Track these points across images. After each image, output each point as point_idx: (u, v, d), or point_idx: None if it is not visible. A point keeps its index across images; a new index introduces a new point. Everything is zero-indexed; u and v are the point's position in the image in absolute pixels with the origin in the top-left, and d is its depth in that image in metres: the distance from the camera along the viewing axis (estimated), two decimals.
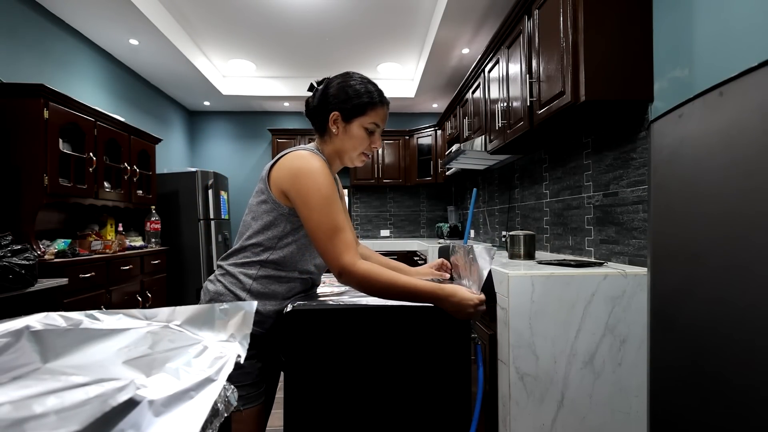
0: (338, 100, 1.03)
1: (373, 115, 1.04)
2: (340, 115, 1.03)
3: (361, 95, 1.03)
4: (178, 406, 0.47)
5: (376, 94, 1.05)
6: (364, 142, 1.05)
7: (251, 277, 1.00)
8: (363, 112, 1.03)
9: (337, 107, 1.03)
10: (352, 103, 1.02)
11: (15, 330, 0.51)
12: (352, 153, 1.06)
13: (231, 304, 0.67)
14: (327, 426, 0.90)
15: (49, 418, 0.39)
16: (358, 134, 1.04)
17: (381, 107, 1.05)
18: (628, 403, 1.45)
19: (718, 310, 0.83)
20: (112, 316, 0.62)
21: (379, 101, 1.05)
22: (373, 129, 1.05)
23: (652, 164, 1.06)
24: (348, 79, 1.05)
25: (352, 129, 1.03)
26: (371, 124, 1.04)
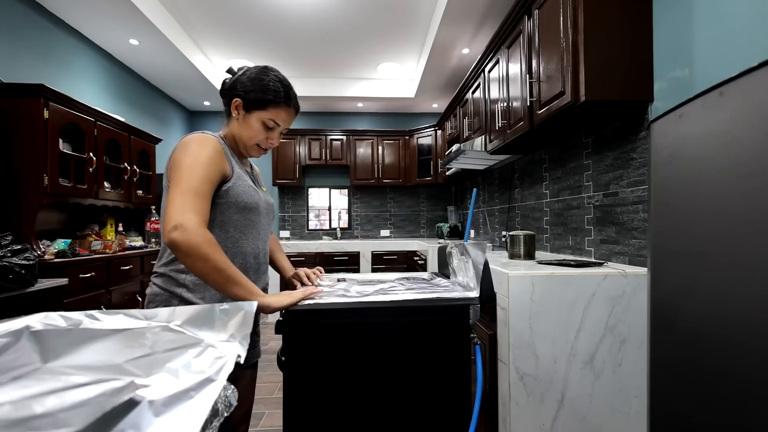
0: (245, 89, 1.06)
1: (273, 113, 1.07)
2: (242, 104, 1.06)
3: (268, 91, 1.06)
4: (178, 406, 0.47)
5: (283, 94, 1.08)
6: (259, 135, 1.08)
7: (183, 271, 0.99)
8: (264, 106, 1.06)
9: (240, 95, 1.06)
10: (255, 96, 1.05)
11: (15, 330, 0.51)
12: (246, 142, 1.09)
13: (231, 304, 0.67)
14: (327, 426, 0.90)
15: (49, 417, 0.39)
16: (254, 126, 1.07)
17: (285, 108, 1.08)
18: (628, 403, 1.45)
19: (718, 310, 0.83)
20: (112, 316, 0.62)
21: (284, 102, 1.08)
22: (272, 126, 1.08)
23: (652, 164, 1.06)
24: (261, 74, 1.07)
25: (249, 119, 1.06)
26: (270, 120, 1.07)
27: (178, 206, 0.88)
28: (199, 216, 0.89)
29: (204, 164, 0.95)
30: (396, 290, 1.03)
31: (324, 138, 4.77)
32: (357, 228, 5.17)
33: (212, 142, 1.00)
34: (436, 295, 0.96)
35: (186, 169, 0.93)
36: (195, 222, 0.87)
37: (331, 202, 5.23)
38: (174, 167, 0.95)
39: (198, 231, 0.86)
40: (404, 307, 0.91)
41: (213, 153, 0.98)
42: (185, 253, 0.85)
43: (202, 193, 0.92)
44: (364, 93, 4.62)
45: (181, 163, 0.94)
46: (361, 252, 4.46)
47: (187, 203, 0.88)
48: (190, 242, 0.85)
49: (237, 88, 1.07)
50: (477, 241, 3.76)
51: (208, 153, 0.97)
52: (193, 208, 0.88)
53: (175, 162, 0.96)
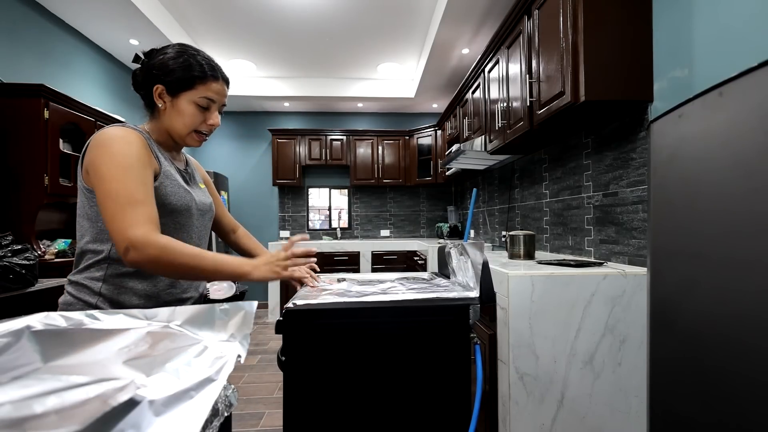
0: (162, 72, 0.94)
1: (203, 90, 0.95)
2: (165, 89, 0.94)
3: (190, 68, 0.94)
4: (178, 405, 0.47)
5: (206, 66, 0.96)
6: (196, 119, 0.96)
7: (99, 279, 0.91)
8: (191, 85, 0.94)
9: (160, 80, 0.94)
10: (176, 76, 0.93)
11: (15, 330, 0.51)
12: (182, 131, 0.97)
13: (231, 304, 0.67)
14: (327, 426, 0.90)
15: (49, 417, 0.39)
16: (187, 110, 0.95)
17: (213, 81, 0.97)
18: (628, 402, 1.45)
19: (718, 310, 0.83)
20: (112, 316, 0.62)
21: (212, 75, 0.97)
22: (207, 105, 0.97)
23: (652, 164, 1.06)
24: (176, 53, 0.96)
25: (179, 104, 0.95)
26: (202, 99, 0.95)
27: (119, 225, 0.81)
28: (145, 226, 0.82)
29: (133, 167, 0.85)
30: (396, 290, 1.03)
31: (324, 138, 4.77)
32: (357, 228, 5.17)
33: (136, 137, 0.89)
34: (436, 295, 0.96)
35: (114, 176, 0.83)
36: (142, 235, 0.80)
37: (331, 202, 5.23)
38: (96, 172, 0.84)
39: (149, 243, 0.80)
40: (404, 307, 0.91)
41: (138, 149, 0.88)
42: (151, 270, 0.83)
43: (140, 200, 0.83)
44: (364, 93, 4.62)
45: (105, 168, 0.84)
46: (361, 252, 4.46)
47: (128, 218, 0.81)
48: (148, 258, 0.80)
49: (154, 74, 0.94)
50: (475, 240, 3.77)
51: (135, 151, 0.87)
52: (136, 222, 0.81)
53: (97, 165, 0.84)
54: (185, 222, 0.99)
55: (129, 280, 0.92)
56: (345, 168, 5.08)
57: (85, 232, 0.92)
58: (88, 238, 0.92)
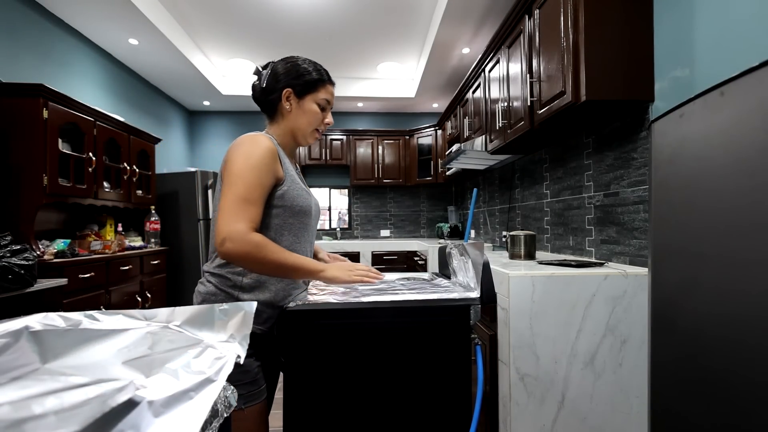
0: (290, 77, 1.06)
1: (323, 92, 1.08)
2: (293, 91, 1.06)
3: (311, 72, 1.07)
4: (177, 406, 0.46)
5: (324, 72, 1.10)
6: (318, 117, 1.09)
7: (239, 274, 0.99)
8: (315, 88, 1.07)
9: (289, 84, 1.06)
10: (304, 80, 1.06)
11: (14, 330, 0.51)
12: (306, 129, 1.09)
13: (231, 305, 0.67)
14: (327, 426, 0.90)
15: (48, 418, 0.39)
16: (311, 109, 1.07)
17: (330, 85, 1.11)
18: (629, 403, 1.45)
19: (719, 310, 0.83)
20: (111, 316, 0.61)
21: (328, 79, 1.10)
22: (325, 105, 1.09)
23: (653, 164, 1.06)
24: (296, 59, 1.09)
25: (305, 104, 1.07)
26: (323, 100, 1.08)
27: (225, 218, 0.90)
28: (247, 223, 0.90)
29: (255, 167, 0.94)
30: (397, 290, 1.03)
31: (324, 138, 4.77)
32: (357, 228, 5.17)
33: (265, 143, 0.97)
34: (437, 295, 0.95)
35: (237, 174, 0.93)
36: (242, 230, 0.88)
37: (331, 202, 5.23)
38: (226, 170, 0.95)
39: (245, 239, 0.88)
40: (405, 308, 0.91)
41: (265, 155, 0.96)
42: (240, 263, 0.92)
43: (251, 200, 0.92)
44: (364, 93, 4.62)
45: (232, 167, 0.94)
46: (361, 252, 4.46)
47: (235, 213, 0.90)
48: (239, 252, 0.88)
49: (280, 80, 1.06)
50: (475, 241, 3.76)
51: (260, 155, 0.95)
52: (241, 217, 0.90)
53: (227, 164, 0.96)
54: (308, 222, 1.09)
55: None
56: (345, 168, 5.08)
57: None
58: None
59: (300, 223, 1.06)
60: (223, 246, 0.88)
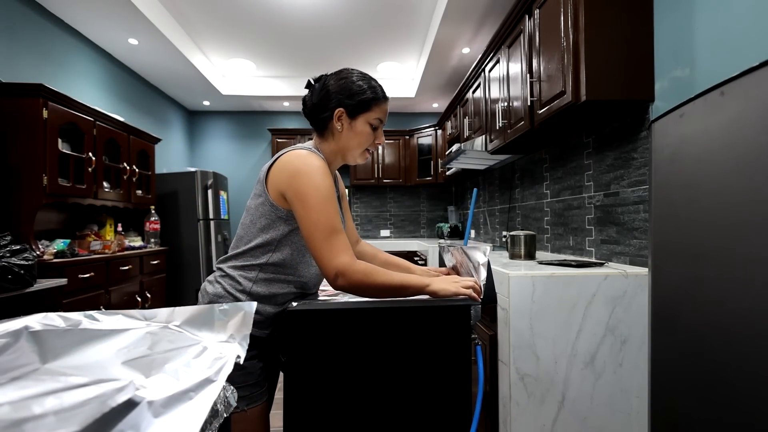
0: (342, 96, 1.01)
1: (377, 111, 1.03)
2: (345, 112, 1.01)
3: (365, 91, 1.01)
4: (177, 406, 0.46)
5: (379, 89, 1.04)
6: (369, 138, 1.04)
7: (251, 280, 0.99)
8: (368, 107, 1.02)
9: (341, 104, 1.01)
10: (357, 99, 1.00)
11: (14, 330, 0.51)
12: (356, 150, 1.05)
13: (231, 305, 0.67)
14: (327, 426, 0.90)
15: (48, 418, 0.39)
16: (363, 130, 1.02)
17: (384, 103, 1.05)
18: (629, 403, 1.45)
19: (719, 310, 0.83)
20: (111, 316, 0.61)
21: (382, 97, 1.04)
22: (377, 125, 1.04)
23: (653, 164, 1.06)
24: (350, 75, 1.03)
25: (357, 125, 1.02)
26: (375, 119, 1.03)
27: (326, 254, 0.90)
28: (347, 254, 0.91)
29: (330, 198, 0.93)
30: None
31: None
32: (357, 228, 5.17)
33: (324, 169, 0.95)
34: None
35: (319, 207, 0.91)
36: (347, 263, 0.90)
37: None
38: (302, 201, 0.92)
39: (354, 270, 0.90)
40: (405, 308, 0.91)
41: (330, 181, 0.95)
42: (354, 292, 0.92)
43: (338, 229, 0.92)
44: None
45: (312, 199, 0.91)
46: None
47: (334, 247, 0.90)
48: (354, 282, 0.90)
49: (332, 99, 1.01)
50: (477, 242, 3.76)
51: (328, 183, 0.94)
52: (339, 250, 0.90)
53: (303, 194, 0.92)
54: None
55: (272, 286, 1.00)
56: (345, 168, 5.08)
57: (253, 238, 0.99)
58: (254, 244, 0.99)
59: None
60: (336, 282, 0.90)
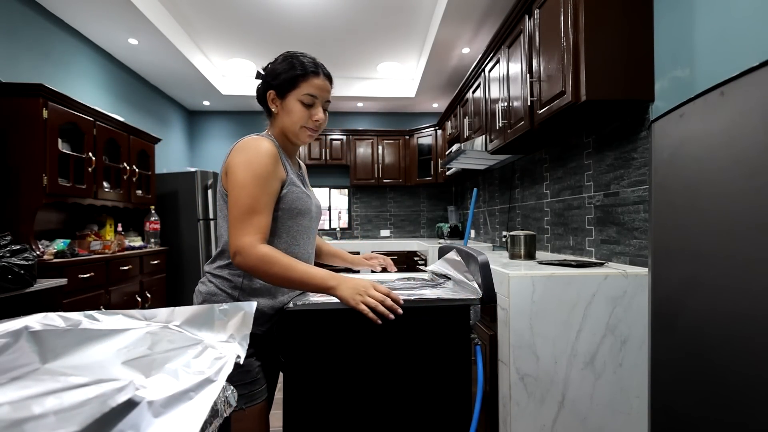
0: (270, 78, 1.03)
1: (305, 87, 1.01)
2: (275, 93, 1.03)
3: (293, 68, 1.01)
4: (177, 406, 0.46)
5: (309, 64, 1.03)
6: (302, 115, 1.02)
7: (240, 275, 1.00)
8: (294, 85, 1.01)
9: (270, 86, 1.03)
10: (281, 78, 1.02)
11: (14, 330, 0.51)
12: (294, 128, 1.04)
13: (230, 305, 0.67)
14: (327, 426, 0.90)
15: (48, 418, 0.39)
16: (294, 108, 1.02)
17: (314, 77, 1.02)
18: (629, 403, 1.45)
19: (719, 310, 0.83)
20: (111, 316, 0.61)
21: (312, 71, 1.02)
22: (310, 101, 1.02)
23: (653, 164, 1.06)
24: (276, 59, 1.05)
25: (287, 104, 1.02)
26: (305, 96, 1.02)
27: (234, 231, 0.91)
28: (255, 235, 0.91)
29: (259, 176, 0.93)
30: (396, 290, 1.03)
31: (324, 138, 4.77)
32: (357, 228, 5.17)
33: (267, 147, 0.97)
34: (437, 295, 0.95)
35: (241, 185, 0.92)
36: (250, 243, 0.89)
37: (331, 202, 5.23)
38: (230, 180, 0.95)
39: (253, 252, 0.89)
40: (405, 308, 0.91)
41: (267, 161, 0.95)
42: (251, 273, 0.92)
43: (258, 210, 0.92)
44: (364, 93, 4.62)
45: (236, 178, 0.93)
46: (361, 252, 4.46)
47: (244, 226, 0.91)
48: (248, 265, 0.90)
49: (267, 83, 1.04)
50: (476, 242, 3.76)
51: (262, 162, 0.94)
52: (248, 231, 0.90)
53: (231, 173, 0.95)
54: (308, 224, 1.08)
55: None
56: (345, 168, 5.08)
57: (225, 233, 1.01)
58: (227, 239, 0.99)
59: (298, 226, 1.05)
60: (234, 259, 0.91)
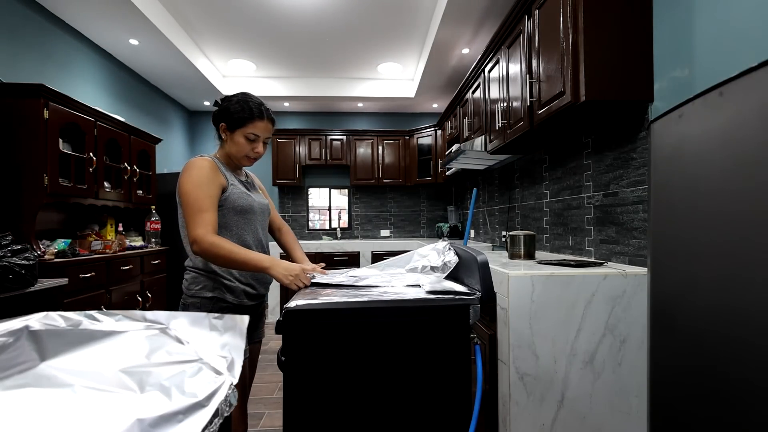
0: (225, 113, 1.31)
1: (251, 127, 1.30)
2: (226, 126, 1.31)
3: (243, 111, 1.29)
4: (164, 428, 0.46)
5: (256, 110, 1.30)
6: (245, 148, 1.31)
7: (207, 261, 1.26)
8: (242, 124, 1.29)
9: (224, 119, 1.31)
10: (233, 117, 1.29)
11: (15, 329, 0.51)
12: (238, 156, 1.32)
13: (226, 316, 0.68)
14: (327, 426, 0.90)
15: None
16: (239, 141, 1.30)
17: (260, 121, 1.31)
18: (629, 403, 1.45)
19: (718, 309, 0.83)
20: (111, 317, 0.62)
21: (258, 116, 1.30)
22: (254, 138, 1.31)
23: (652, 164, 1.06)
24: (239, 98, 1.32)
25: (235, 137, 1.30)
26: (250, 134, 1.30)
27: (189, 227, 1.18)
28: (205, 228, 1.17)
29: (203, 183, 1.20)
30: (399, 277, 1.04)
31: (324, 138, 4.77)
32: (357, 228, 5.17)
33: (206, 163, 1.25)
34: (436, 295, 0.95)
35: (187, 192, 1.20)
36: (202, 234, 1.16)
37: (331, 202, 5.23)
38: (180, 188, 1.22)
39: (205, 240, 1.15)
40: (404, 307, 0.91)
41: (208, 172, 1.23)
42: (208, 256, 1.17)
43: (204, 208, 1.18)
44: (364, 93, 4.62)
45: (182, 188, 1.21)
46: (361, 252, 4.46)
47: (195, 221, 1.17)
48: (202, 249, 1.16)
49: (221, 115, 1.32)
50: (476, 242, 3.76)
51: (204, 173, 1.22)
52: (199, 224, 1.17)
53: (180, 186, 1.22)
54: (250, 218, 1.34)
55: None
56: (345, 168, 5.08)
57: (185, 236, 1.25)
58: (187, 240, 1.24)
59: (244, 219, 1.32)
60: (192, 248, 1.17)
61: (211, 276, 1.27)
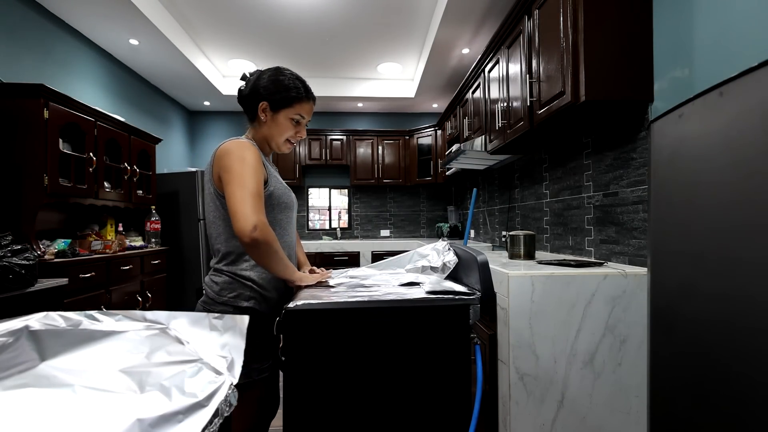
0: (268, 91, 1.14)
1: (298, 108, 1.16)
2: (269, 105, 1.15)
3: (290, 89, 1.15)
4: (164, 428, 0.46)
5: (303, 89, 1.17)
6: (289, 130, 1.17)
7: (247, 269, 1.11)
8: (290, 104, 1.15)
9: (266, 98, 1.14)
10: (280, 96, 1.14)
11: (15, 329, 0.51)
12: (278, 139, 1.18)
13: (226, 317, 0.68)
14: (327, 426, 0.90)
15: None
16: (283, 123, 1.16)
17: (307, 102, 1.18)
18: (628, 403, 1.45)
19: (718, 309, 0.83)
20: (111, 317, 0.62)
21: (305, 96, 1.17)
22: (299, 120, 1.17)
23: (652, 164, 1.06)
24: (278, 74, 1.16)
25: (278, 118, 1.15)
26: (297, 115, 1.16)
27: (250, 208, 0.98)
28: (265, 216, 1.02)
29: (254, 168, 1.04)
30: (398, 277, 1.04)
31: (324, 138, 4.77)
32: (357, 228, 5.17)
33: (253, 148, 1.08)
34: (436, 295, 0.95)
35: (241, 174, 1.01)
36: (265, 222, 1.01)
37: (331, 202, 5.23)
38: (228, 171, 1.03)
39: (268, 229, 1.00)
40: (404, 308, 0.91)
41: (256, 158, 1.06)
42: (263, 249, 1.00)
43: (260, 195, 1.03)
44: (364, 93, 4.62)
45: (233, 170, 1.02)
46: (361, 252, 4.46)
47: (255, 206, 0.99)
48: (267, 240, 0.99)
49: (260, 93, 1.14)
50: (476, 242, 3.76)
51: (257, 158, 1.06)
52: (261, 209, 1.01)
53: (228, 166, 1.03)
54: (291, 216, 1.22)
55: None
56: (345, 168, 5.08)
57: (223, 233, 1.11)
58: (227, 237, 1.10)
59: (286, 218, 1.19)
60: (254, 233, 0.97)
61: (247, 284, 1.10)
